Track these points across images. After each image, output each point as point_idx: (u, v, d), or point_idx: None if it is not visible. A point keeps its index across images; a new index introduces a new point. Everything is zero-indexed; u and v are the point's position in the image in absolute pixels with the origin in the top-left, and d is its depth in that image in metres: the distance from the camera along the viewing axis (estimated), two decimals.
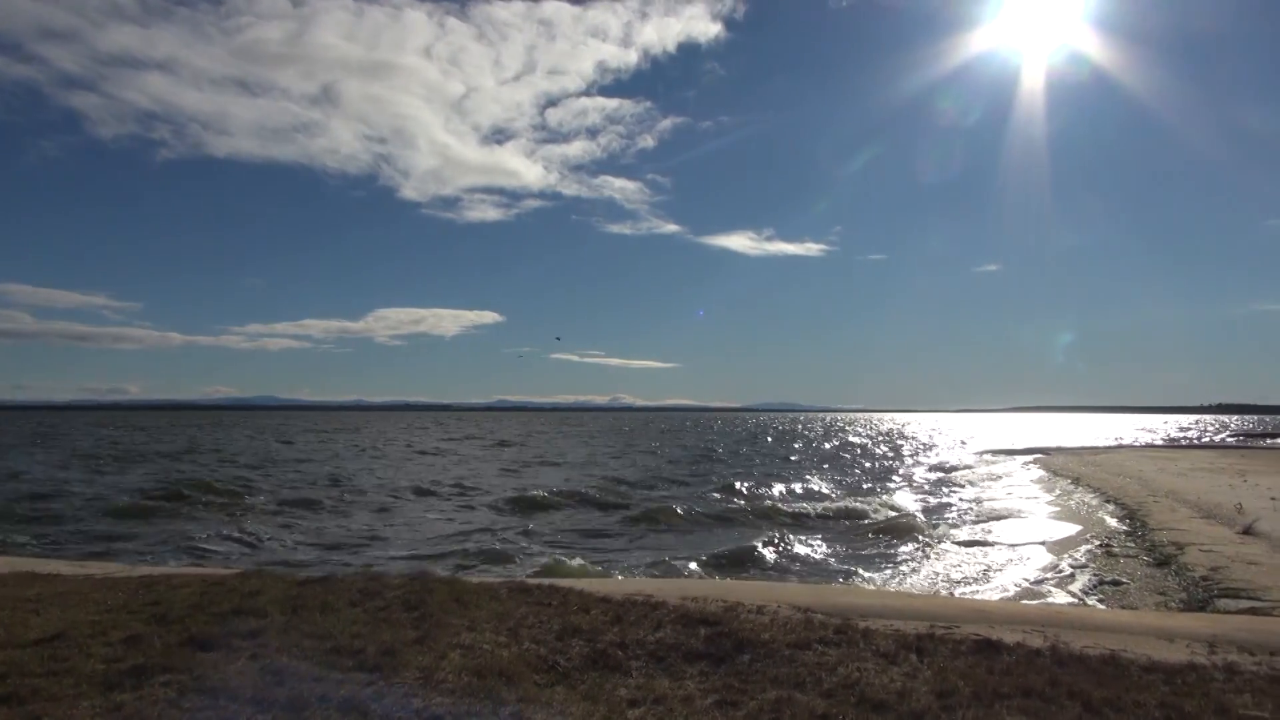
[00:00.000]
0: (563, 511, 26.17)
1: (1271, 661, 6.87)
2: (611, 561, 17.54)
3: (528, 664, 6.18)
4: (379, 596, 8.21)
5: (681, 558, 17.66)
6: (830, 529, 22.80)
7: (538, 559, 17.58)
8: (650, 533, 22.14)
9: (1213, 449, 61.83)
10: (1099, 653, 6.91)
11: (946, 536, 21.12)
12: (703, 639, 6.97)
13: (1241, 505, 21.93)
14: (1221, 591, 12.80)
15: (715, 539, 20.94)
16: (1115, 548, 18.27)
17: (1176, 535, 18.18)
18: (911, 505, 28.77)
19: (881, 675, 6.12)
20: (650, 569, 16.57)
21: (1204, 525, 19.56)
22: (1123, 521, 22.06)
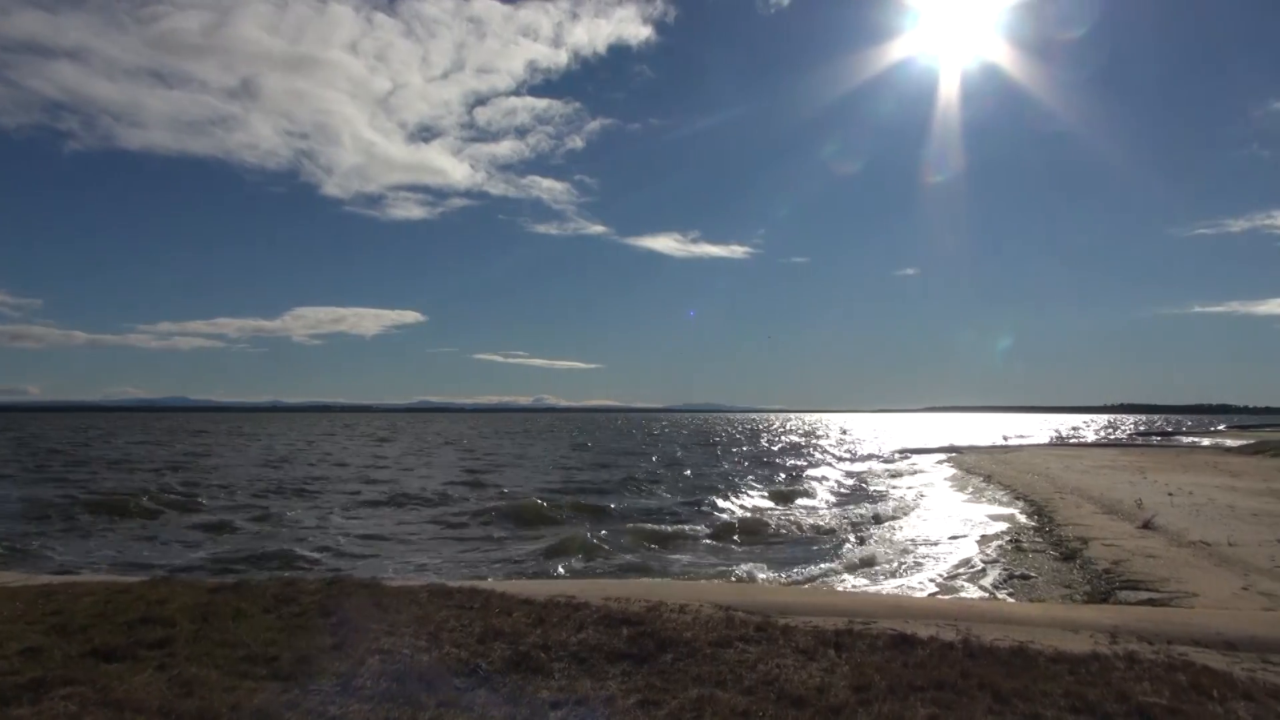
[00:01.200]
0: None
1: (1168, 650, 7.19)
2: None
3: (448, 668, 6.11)
4: (295, 602, 8.01)
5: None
6: (747, 527, 23.04)
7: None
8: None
9: (1115, 447, 64.46)
10: (1008, 644, 7.13)
11: (863, 534, 21.53)
12: (625, 639, 6.98)
13: (1141, 501, 22.89)
14: (1123, 584, 13.34)
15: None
16: (1024, 543, 18.90)
17: (1081, 530, 18.89)
18: (828, 504, 29.28)
19: (801, 671, 6.22)
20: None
21: (1107, 520, 20.37)
22: (1031, 517, 22.83)
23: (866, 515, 25.09)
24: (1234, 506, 22.05)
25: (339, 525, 22.60)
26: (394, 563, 17.31)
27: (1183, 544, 16.40)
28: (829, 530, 22.30)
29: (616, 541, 19.99)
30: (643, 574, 16.34)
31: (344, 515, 24.62)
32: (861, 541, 20.33)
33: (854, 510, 26.84)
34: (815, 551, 19.11)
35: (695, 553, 19.22)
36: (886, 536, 20.97)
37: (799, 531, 21.96)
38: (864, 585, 15.33)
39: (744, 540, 20.92)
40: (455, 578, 13.54)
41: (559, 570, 16.57)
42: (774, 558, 18.45)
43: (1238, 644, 7.44)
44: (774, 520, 24.15)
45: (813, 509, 27.43)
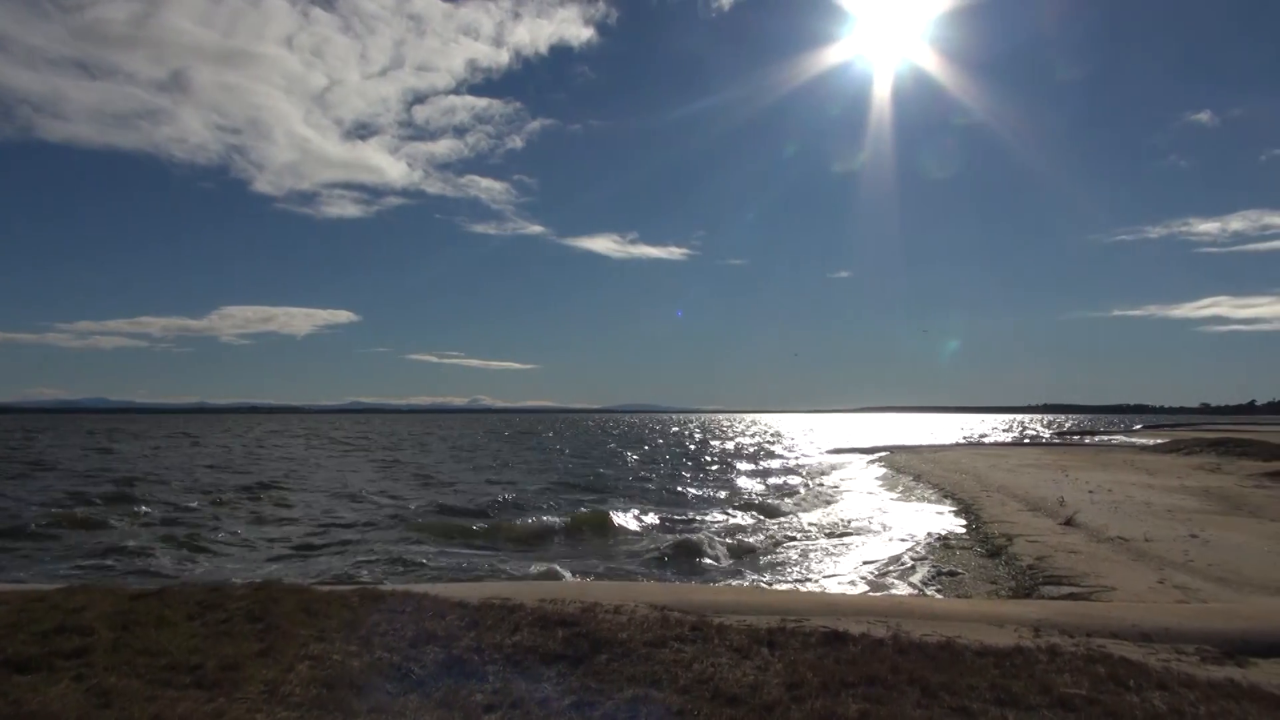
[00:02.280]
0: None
1: (1088, 642, 7.42)
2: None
3: (380, 673, 6.01)
4: (220, 609, 7.79)
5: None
6: (680, 530, 23.15)
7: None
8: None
9: (1039, 446, 66.36)
10: (937, 640, 7.29)
11: (797, 533, 21.80)
12: (560, 640, 6.95)
13: (1063, 498, 23.61)
14: (1046, 579, 13.74)
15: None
16: (952, 540, 19.35)
17: (1006, 528, 19.41)
18: (763, 502, 29.57)
19: (735, 670, 6.27)
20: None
21: (1031, 518, 20.95)
22: (959, 516, 23.39)
23: (798, 514, 25.39)
24: (1150, 503, 22.87)
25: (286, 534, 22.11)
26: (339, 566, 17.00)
27: (1102, 540, 16.96)
28: (761, 528, 22.51)
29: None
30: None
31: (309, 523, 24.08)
32: (792, 540, 20.57)
33: (785, 509, 27.15)
34: (748, 552, 19.25)
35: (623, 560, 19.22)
36: (818, 535, 21.26)
37: (735, 531, 22.10)
38: (796, 584, 15.53)
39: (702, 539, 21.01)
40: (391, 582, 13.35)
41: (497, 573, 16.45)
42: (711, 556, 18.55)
43: (1153, 635, 7.72)
44: (710, 521, 24.31)
45: (747, 508, 27.66)
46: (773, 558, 18.21)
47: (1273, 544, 15.78)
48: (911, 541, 19.52)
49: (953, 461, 44.82)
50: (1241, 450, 46.77)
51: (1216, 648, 7.32)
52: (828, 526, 22.71)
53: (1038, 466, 38.93)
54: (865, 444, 75.09)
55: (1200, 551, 15.11)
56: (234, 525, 22.50)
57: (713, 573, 16.75)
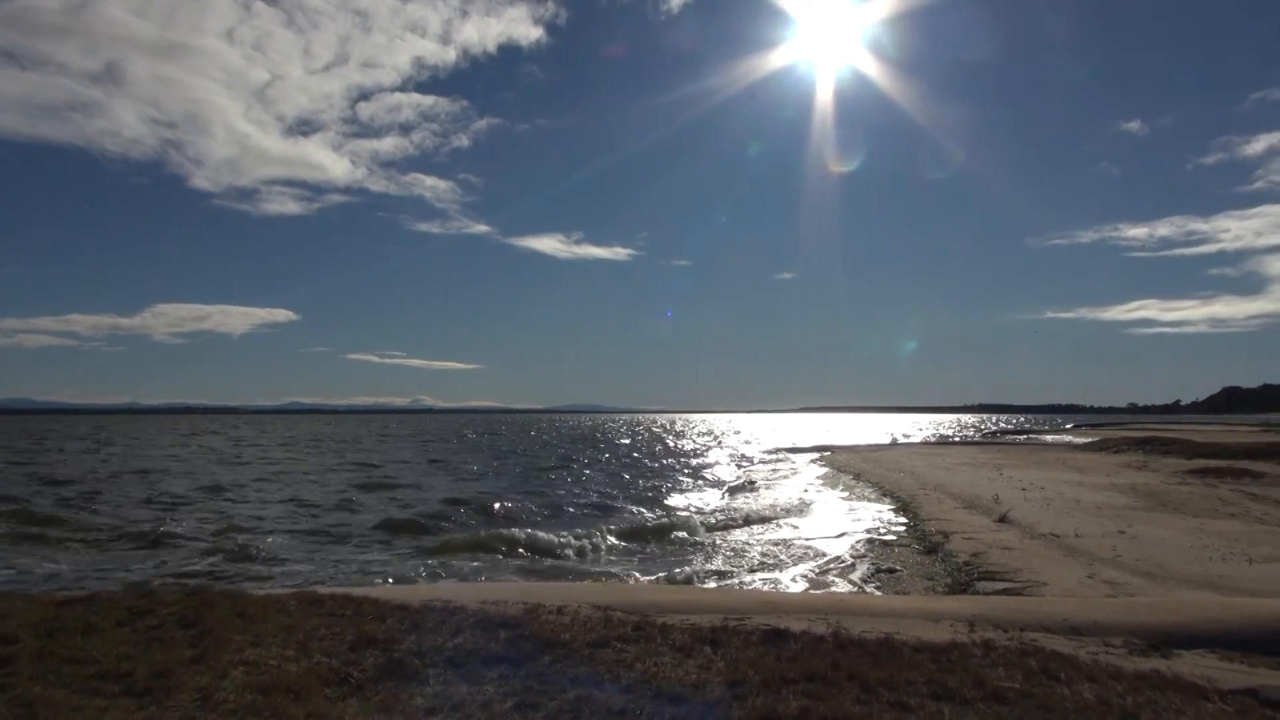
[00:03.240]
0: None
1: (1021, 637, 7.60)
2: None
3: (318, 677, 5.90)
4: (151, 614, 7.57)
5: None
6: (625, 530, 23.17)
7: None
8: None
9: (975, 445, 67.76)
10: (875, 636, 7.40)
11: (738, 532, 21.95)
12: (502, 642, 6.90)
13: (998, 496, 24.15)
14: (981, 575, 14.04)
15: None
16: (891, 538, 19.67)
17: (943, 525, 19.79)
18: (704, 502, 29.75)
19: (678, 668, 6.29)
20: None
21: (966, 515, 21.40)
22: (898, 514, 23.79)
23: (739, 513, 25.57)
24: (1080, 500, 23.51)
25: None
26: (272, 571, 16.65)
27: (1035, 536, 17.38)
28: (708, 528, 22.62)
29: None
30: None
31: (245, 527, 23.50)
32: (733, 539, 20.71)
33: (728, 509, 27.33)
34: (690, 551, 19.34)
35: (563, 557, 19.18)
36: (759, 534, 21.44)
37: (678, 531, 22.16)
38: (737, 583, 15.64)
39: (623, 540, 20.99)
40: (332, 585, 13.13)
41: (440, 575, 16.28)
42: (650, 557, 18.60)
43: (1082, 629, 7.93)
44: (653, 521, 24.36)
45: (688, 507, 27.79)
46: (714, 557, 18.31)
47: (1195, 539, 16.34)
48: (851, 539, 19.79)
49: (891, 460, 45.57)
50: (1166, 449, 48.36)
51: (1143, 640, 7.55)
52: (769, 525, 22.90)
53: (973, 465, 39.77)
54: (806, 443, 75.94)
55: (1127, 547, 15.58)
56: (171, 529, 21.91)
57: (652, 573, 16.78)
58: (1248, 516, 20.43)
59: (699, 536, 21.21)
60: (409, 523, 23.20)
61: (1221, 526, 18.30)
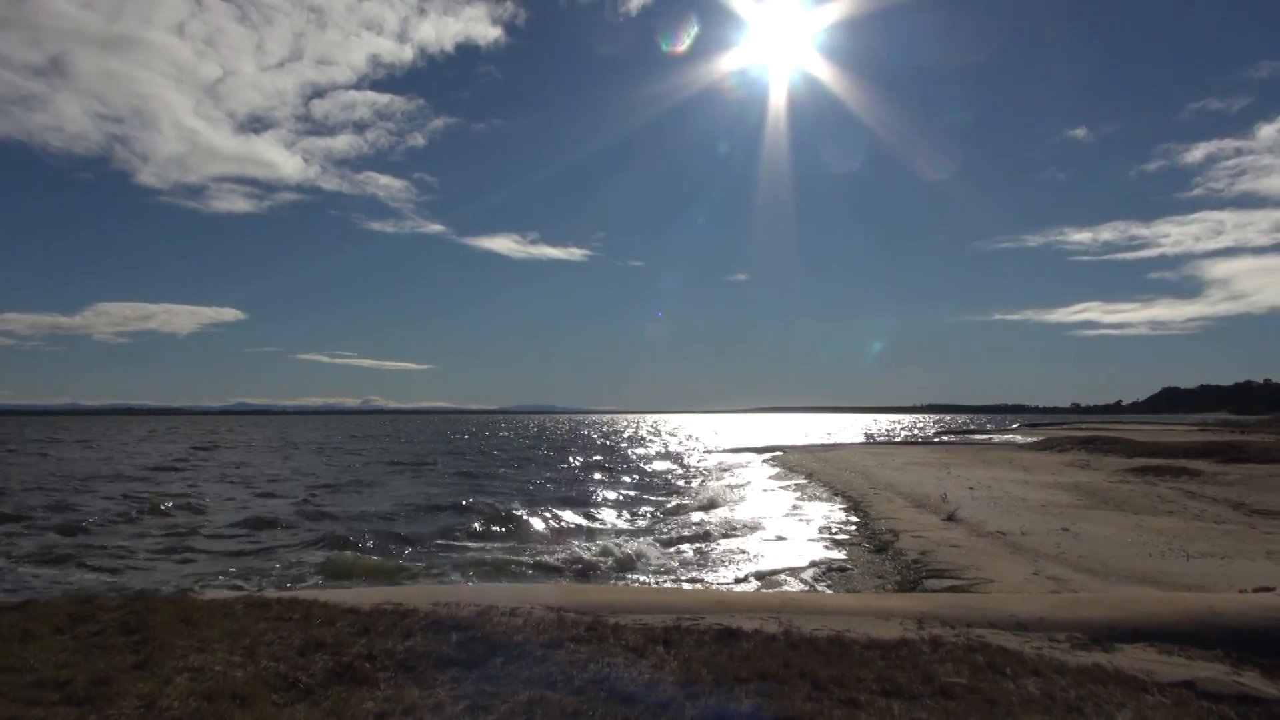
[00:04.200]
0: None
1: (968, 633, 7.72)
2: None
3: (265, 683, 5.79)
4: (92, 621, 7.38)
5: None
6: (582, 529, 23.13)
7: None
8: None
9: (924, 445, 68.78)
10: (826, 634, 7.46)
11: (692, 532, 22.02)
12: (455, 644, 6.84)
13: (946, 495, 24.54)
14: (929, 573, 14.26)
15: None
16: (842, 537, 19.89)
17: (893, 524, 20.05)
18: (655, 503, 29.79)
19: (631, 669, 6.29)
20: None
21: (915, 514, 21.71)
22: (848, 513, 24.06)
23: (692, 513, 25.66)
24: (1025, 499, 23.98)
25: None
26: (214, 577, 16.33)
27: (982, 534, 17.69)
28: (656, 529, 22.67)
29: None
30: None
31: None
32: (687, 540, 20.78)
33: (682, 508, 27.41)
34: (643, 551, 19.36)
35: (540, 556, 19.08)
36: (712, 534, 21.53)
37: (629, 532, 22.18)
38: (691, 583, 15.69)
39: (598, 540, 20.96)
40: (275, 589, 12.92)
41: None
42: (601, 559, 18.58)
43: (1028, 625, 8.08)
44: (608, 523, 24.36)
45: (642, 508, 27.83)
46: (667, 558, 18.35)
47: (1135, 535, 16.75)
48: (803, 538, 19.98)
49: (843, 460, 46.06)
50: (1108, 448, 49.54)
51: (1086, 635, 7.71)
52: (721, 525, 23.00)
53: (922, 464, 40.35)
54: (759, 444, 76.47)
55: (1071, 544, 15.92)
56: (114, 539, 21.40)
57: (608, 575, 16.77)
58: (1185, 514, 21.01)
59: (651, 537, 21.22)
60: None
61: (1160, 523, 18.79)
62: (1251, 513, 21.39)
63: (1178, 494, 25.91)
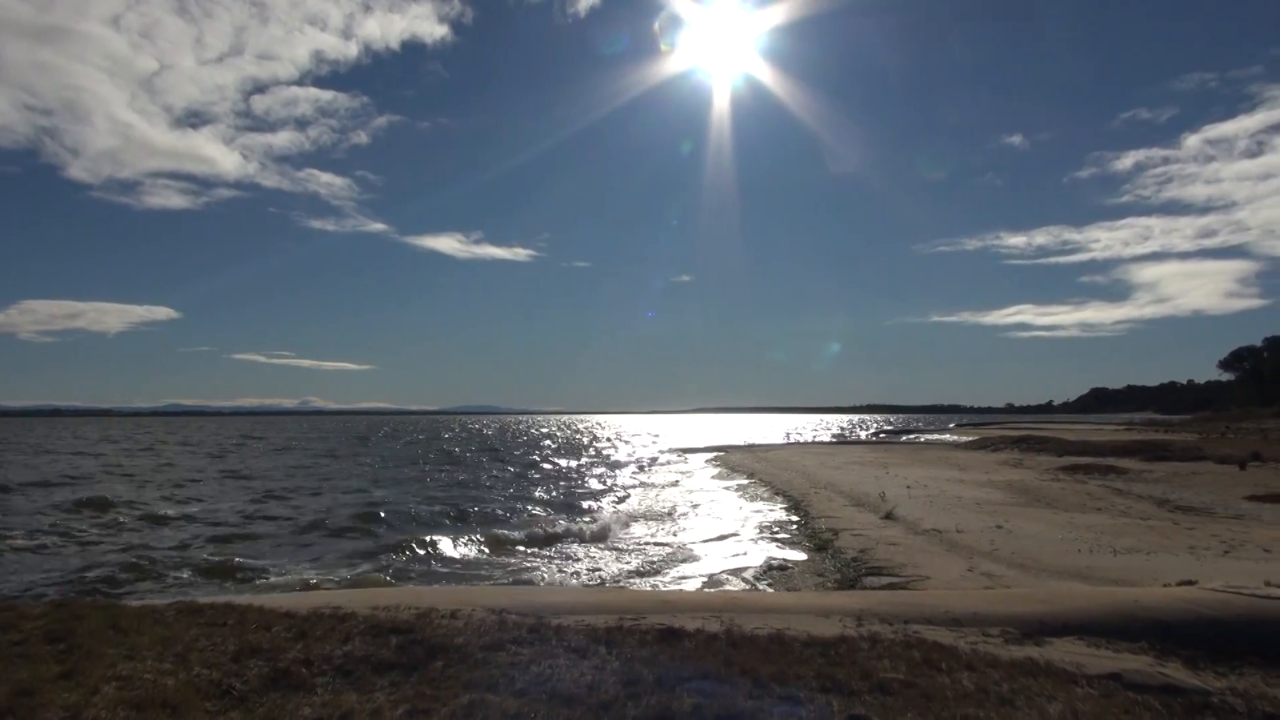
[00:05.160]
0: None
1: (905, 629, 7.86)
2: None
3: (197, 690, 5.65)
4: (14, 629, 7.13)
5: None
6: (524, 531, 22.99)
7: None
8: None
9: (863, 445, 69.82)
10: (767, 632, 7.53)
11: (633, 531, 22.05)
12: (394, 648, 6.76)
13: (884, 494, 24.92)
14: (868, 570, 14.47)
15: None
16: (784, 536, 20.08)
17: (833, 522, 20.31)
18: (597, 504, 29.77)
19: (573, 670, 6.27)
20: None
21: (855, 513, 22.01)
22: (789, 512, 24.30)
23: (633, 514, 25.70)
24: (961, 497, 24.48)
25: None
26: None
27: (919, 532, 18.01)
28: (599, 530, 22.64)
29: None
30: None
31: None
32: (628, 541, 20.79)
33: (621, 509, 27.43)
34: (583, 554, 19.33)
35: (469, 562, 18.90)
36: (654, 534, 21.58)
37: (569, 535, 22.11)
38: (634, 583, 15.71)
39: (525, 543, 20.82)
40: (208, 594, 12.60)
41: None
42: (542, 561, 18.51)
43: (963, 620, 8.24)
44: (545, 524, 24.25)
45: (581, 509, 27.77)
46: (608, 558, 18.34)
47: (1066, 532, 17.20)
48: (745, 538, 20.12)
49: (784, 460, 46.53)
50: (1040, 447, 50.90)
51: (1018, 629, 7.89)
52: (664, 525, 23.07)
53: (861, 464, 40.94)
54: (702, 444, 76.86)
55: (1004, 541, 16.29)
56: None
57: (547, 576, 16.71)
58: (1113, 510, 21.66)
59: (592, 539, 21.19)
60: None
61: (1089, 520, 19.32)
62: (1175, 509, 22.14)
63: (1106, 491, 26.70)
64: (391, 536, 21.08)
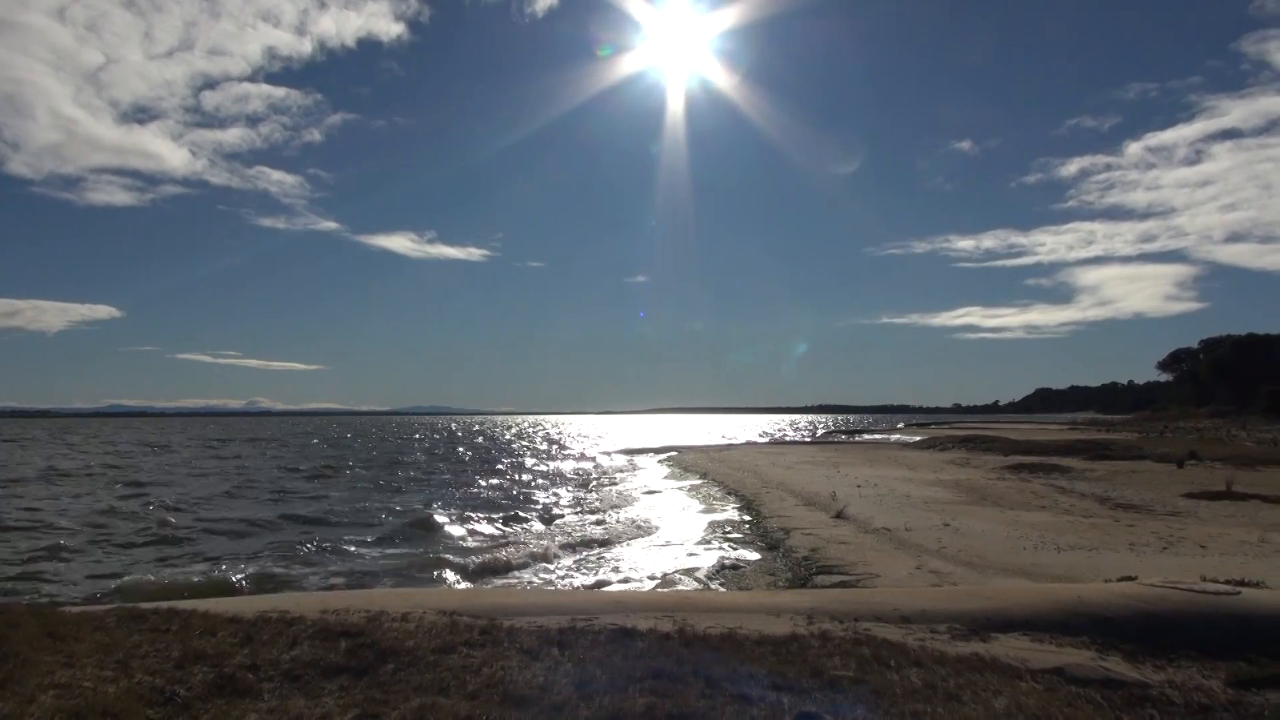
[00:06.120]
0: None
1: (855, 627, 7.94)
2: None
3: (139, 698, 5.51)
4: None
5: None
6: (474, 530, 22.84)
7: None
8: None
9: (814, 444, 70.49)
10: (719, 632, 7.56)
11: (587, 533, 22.02)
12: (343, 652, 6.66)
13: (835, 493, 25.18)
14: (819, 569, 14.61)
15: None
16: (736, 535, 20.20)
17: (785, 522, 20.47)
18: (550, 504, 29.68)
19: (525, 671, 6.24)
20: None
21: (806, 512, 22.21)
22: (742, 512, 24.45)
23: (588, 514, 25.66)
24: (910, 496, 24.83)
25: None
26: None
27: (869, 531, 18.23)
28: (551, 531, 22.58)
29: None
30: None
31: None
32: (581, 541, 20.76)
33: (575, 509, 27.38)
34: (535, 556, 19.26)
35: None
36: (607, 535, 21.57)
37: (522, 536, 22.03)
38: (586, 584, 15.69)
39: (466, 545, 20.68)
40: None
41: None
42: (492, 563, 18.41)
43: (911, 617, 8.36)
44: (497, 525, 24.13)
45: (533, 510, 27.66)
46: (562, 559, 18.30)
47: (1011, 530, 17.54)
48: (698, 538, 20.20)
49: (736, 460, 46.79)
50: (986, 446, 51.83)
51: (965, 626, 8.03)
52: (617, 526, 23.07)
53: (813, 464, 41.32)
54: (655, 444, 76.96)
55: (952, 539, 16.56)
56: None
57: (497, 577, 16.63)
58: (1056, 508, 22.15)
59: (543, 539, 21.11)
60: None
61: (1034, 518, 19.74)
62: (1115, 506, 22.70)
63: (1049, 490, 27.29)
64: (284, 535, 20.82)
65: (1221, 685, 6.46)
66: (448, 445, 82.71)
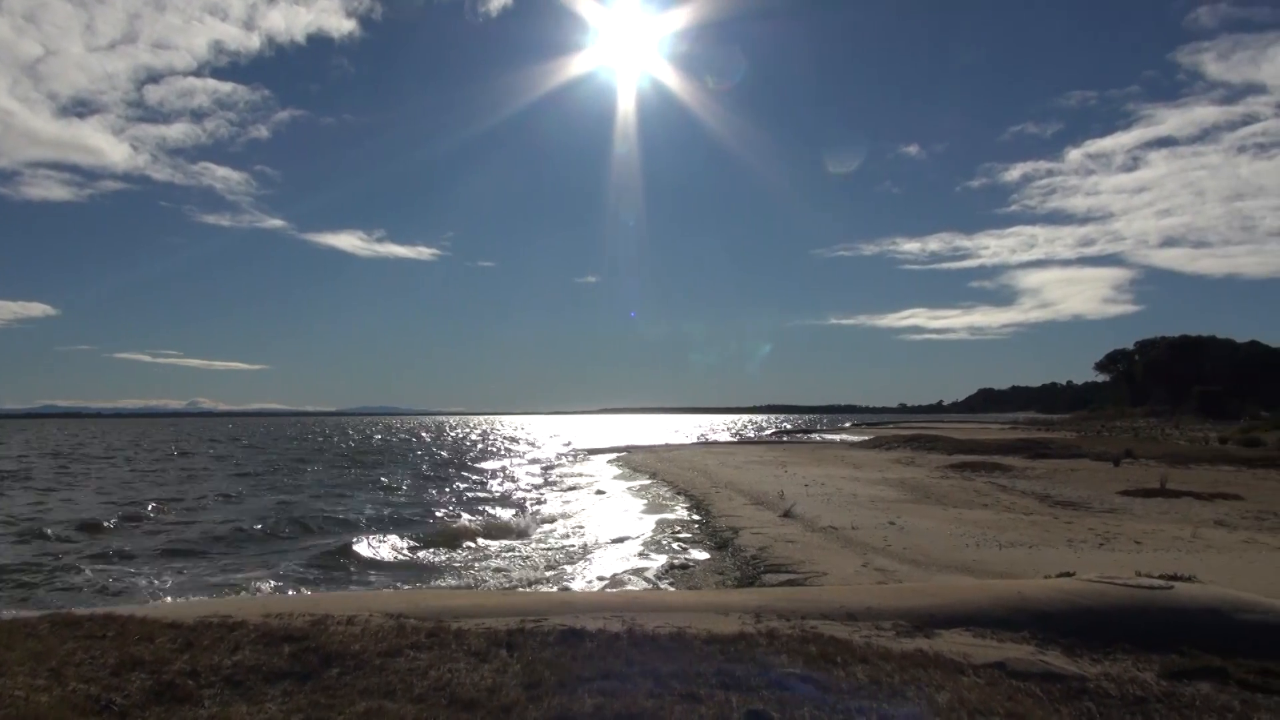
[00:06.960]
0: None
1: (802, 624, 8.02)
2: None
3: (73, 707, 5.36)
4: None
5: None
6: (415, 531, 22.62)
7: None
8: None
9: (762, 444, 71.04)
10: (669, 631, 7.58)
11: (535, 533, 21.94)
12: (287, 657, 6.55)
13: (783, 492, 25.41)
14: (767, 568, 14.72)
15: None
16: (685, 535, 20.27)
17: (733, 521, 20.60)
18: (498, 503, 29.51)
19: (473, 674, 6.19)
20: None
21: (755, 511, 22.37)
22: (691, 511, 24.55)
23: (535, 514, 25.57)
24: (856, 495, 25.15)
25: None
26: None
27: (816, 530, 18.42)
28: (497, 531, 22.45)
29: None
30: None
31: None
32: (530, 541, 20.69)
33: (523, 510, 27.25)
34: (482, 557, 19.14)
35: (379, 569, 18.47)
36: (556, 535, 21.51)
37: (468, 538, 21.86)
38: (535, 585, 15.62)
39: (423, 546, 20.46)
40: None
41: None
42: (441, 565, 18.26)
43: (857, 615, 8.46)
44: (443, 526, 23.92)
45: (481, 510, 27.48)
46: (508, 561, 18.20)
47: (954, 528, 17.86)
48: (646, 537, 20.23)
49: (686, 460, 46.96)
50: (931, 445, 52.71)
51: (909, 622, 8.15)
52: (566, 526, 23.02)
53: (761, 463, 41.65)
54: (604, 444, 76.91)
55: (897, 537, 16.81)
56: None
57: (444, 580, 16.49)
58: (998, 506, 22.61)
59: (491, 541, 20.99)
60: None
61: (976, 516, 20.12)
62: (1055, 504, 23.24)
63: (991, 488, 27.84)
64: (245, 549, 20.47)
65: (1155, 677, 6.66)
66: (391, 445, 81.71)
